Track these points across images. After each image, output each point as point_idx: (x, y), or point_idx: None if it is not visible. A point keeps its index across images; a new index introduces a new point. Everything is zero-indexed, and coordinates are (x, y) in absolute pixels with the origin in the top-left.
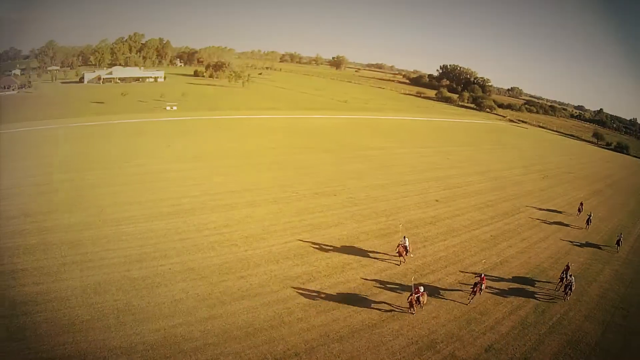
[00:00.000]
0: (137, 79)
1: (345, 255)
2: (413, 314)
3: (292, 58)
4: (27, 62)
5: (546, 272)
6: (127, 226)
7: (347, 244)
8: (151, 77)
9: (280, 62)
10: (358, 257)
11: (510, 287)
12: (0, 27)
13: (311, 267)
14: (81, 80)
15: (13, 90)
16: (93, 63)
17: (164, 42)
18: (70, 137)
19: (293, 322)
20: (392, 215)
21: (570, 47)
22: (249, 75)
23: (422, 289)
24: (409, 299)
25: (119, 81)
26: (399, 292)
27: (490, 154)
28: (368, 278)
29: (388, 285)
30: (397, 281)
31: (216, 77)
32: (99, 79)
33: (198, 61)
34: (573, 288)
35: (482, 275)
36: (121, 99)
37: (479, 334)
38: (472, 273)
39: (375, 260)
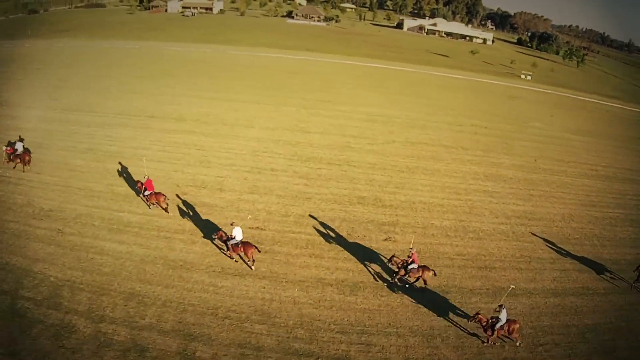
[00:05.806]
0: (463, 37)
1: None
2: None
3: (603, 40)
4: None
5: None
6: (560, 177)
7: None
8: (479, 38)
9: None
10: None
11: None
12: None
13: None
14: (398, 26)
15: (318, 21)
16: (390, 8)
17: None
18: (443, 84)
19: None
20: None
21: None
22: (583, 55)
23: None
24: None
25: (444, 35)
26: None
27: None
28: None
29: None
30: None
31: (542, 50)
32: (421, 28)
33: (511, 26)
34: None
35: None
36: (467, 57)
37: None
38: None
39: None
